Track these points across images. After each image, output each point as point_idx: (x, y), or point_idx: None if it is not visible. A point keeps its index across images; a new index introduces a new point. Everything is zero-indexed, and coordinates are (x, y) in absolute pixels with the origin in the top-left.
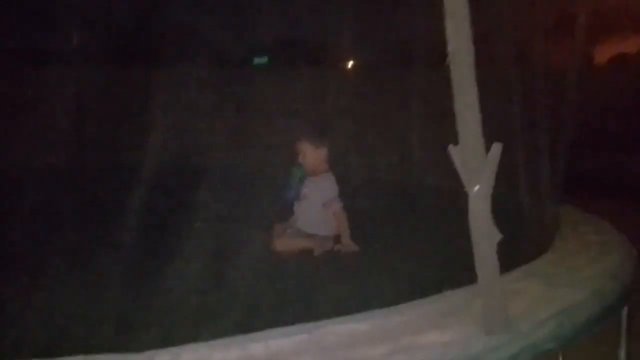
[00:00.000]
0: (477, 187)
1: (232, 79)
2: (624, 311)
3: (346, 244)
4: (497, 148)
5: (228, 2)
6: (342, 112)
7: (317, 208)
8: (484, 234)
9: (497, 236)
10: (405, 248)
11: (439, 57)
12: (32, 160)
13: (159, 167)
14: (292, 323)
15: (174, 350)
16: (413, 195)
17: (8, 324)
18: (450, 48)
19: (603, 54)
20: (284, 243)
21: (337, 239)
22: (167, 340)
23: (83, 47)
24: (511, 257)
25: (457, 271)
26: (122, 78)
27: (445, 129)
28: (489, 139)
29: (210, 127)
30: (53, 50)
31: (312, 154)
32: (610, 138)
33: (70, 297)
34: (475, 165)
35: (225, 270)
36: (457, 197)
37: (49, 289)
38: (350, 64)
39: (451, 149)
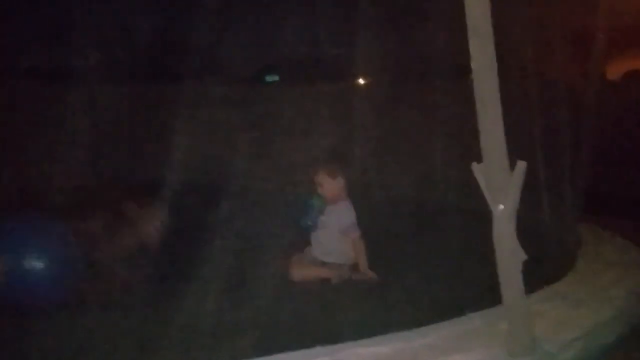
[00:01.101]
0: (501, 207)
1: (246, 97)
2: None
3: (364, 273)
4: (521, 166)
5: (241, 20)
6: (359, 130)
7: (335, 236)
8: (509, 254)
9: (522, 256)
10: (427, 269)
11: (456, 72)
12: (54, 179)
13: (176, 188)
14: (314, 346)
15: None
16: (435, 215)
17: None
18: (473, 65)
19: (617, 70)
20: (301, 272)
21: (355, 267)
22: None
23: (100, 66)
24: (535, 277)
25: (481, 292)
26: (138, 96)
27: (466, 146)
28: (511, 157)
29: (228, 147)
30: (72, 69)
31: (329, 185)
32: (627, 155)
33: (94, 317)
34: (500, 183)
35: (246, 294)
36: (481, 217)
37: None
38: (365, 80)
39: (475, 167)
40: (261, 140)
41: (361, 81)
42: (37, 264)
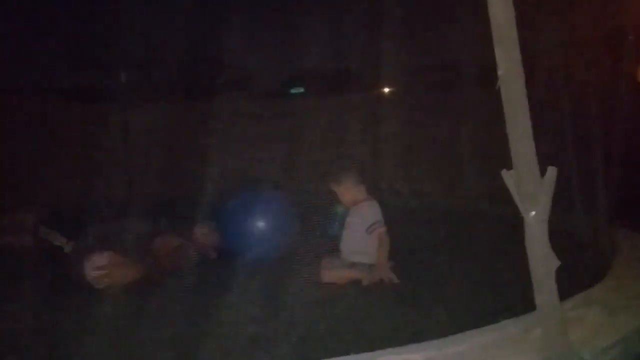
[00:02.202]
0: (533, 212)
1: (276, 109)
2: None
3: (381, 272)
4: (552, 171)
5: (265, 33)
6: (387, 139)
7: (361, 235)
8: (542, 260)
9: (555, 262)
10: (460, 276)
11: (483, 79)
12: (90, 196)
13: (206, 201)
14: (346, 354)
15: None
16: (466, 221)
17: None
18: (500, 72)
19: None
20: (331, 274)
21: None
22: None
23: (130, 84)
24: (569, 283)
25: (514, 299)
26: (169, 113)
27: (496, 152)
28: (542, 162)
29: (256, 158)
30: (103, 88)
31: (341, 191)
32: None
33: (126, 324)
34: (531, 189)
35: (280, 302)
36: (512, 223)
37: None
38: (391, 89)
39: (505, 173)
40: (292, 152)
41: (388, 90)
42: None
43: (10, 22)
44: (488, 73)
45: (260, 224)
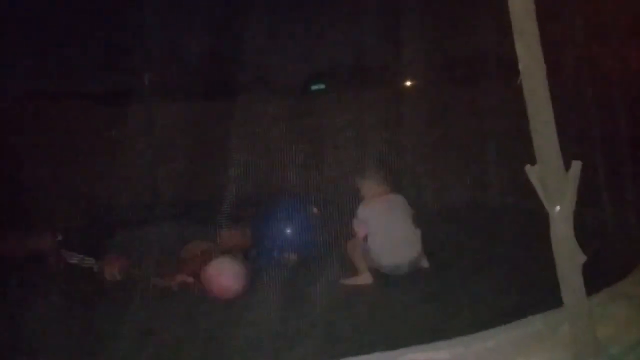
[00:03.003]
0: (558, 208)
1: (295, 107)
2: None
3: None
4: (577, 166)
5: (285, 31)
6: (410, 135)
7: (407, 222)
8: (568, 256)
9: (581, 257)
10: (486, 272)
11: (505, 73)
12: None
13: (234, 200)
14: (372, 351)
15: None
16: (492, 218)
17: None
18: (521, 66)
19: None
20: (353, 254)
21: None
22: None
23: (151, 86)
24: (597, 278)
25: (541, 295)
26: (193, 113)
27: (520, 148)
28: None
29: (284, 158)
30: (127, 91)
31: (372, 189)
32: None
33: (157, 324)
34: (555, 184)
35: (305, 300)
36: (537, 218)
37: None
38: (413, 85)
39: (529, 169)
40: (316, 150)
41: (410, 86)
42: None
43: (33, 27)
44: (509, 66)
45: (286, 224)
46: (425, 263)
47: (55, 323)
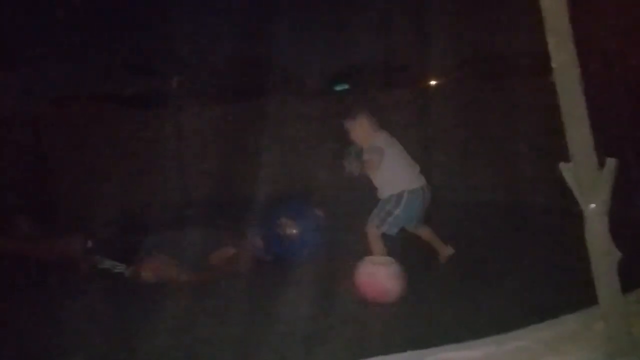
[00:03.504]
0: (593, 205)
1: (320, 108)
2: None
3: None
4: (612, 163)
5: (311, 32)
6: (442, 133)
7: (400, 159)
8: (603, 253)
9: (617, 255)
10: (519, 271)
11: (537, 70)
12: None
13: (264, 198)
14: (404, 350)
15: None
16: (524, 215)
17: None
18: (554, 64)
19: None
20: (372, 240)
21: None
22: None
23: (183, 88)
24: (633, 276)
25: (574, 293)
26: (222, 115)
27: (553, 145)
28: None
29: (313, 158)
30: (157, 93)
31: (355, 128)
32: None
33: (189, 324)
34: (590, 182)
35: (335, 298)
36: (570, 216)
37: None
38: (443, 83)
39: (563, 166)
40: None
41: (438, 84)
42: None
43: (65, 33)
44: (541, 63)
45: (310, 227)
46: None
47: (91, 325)
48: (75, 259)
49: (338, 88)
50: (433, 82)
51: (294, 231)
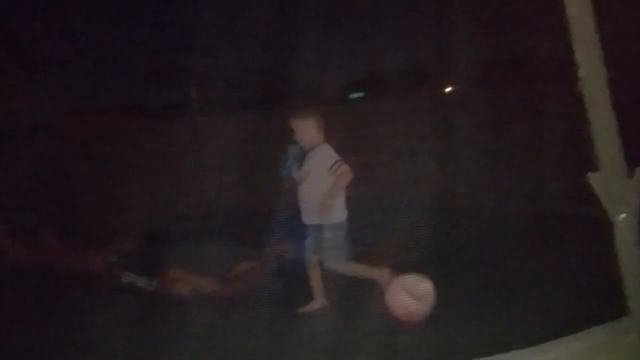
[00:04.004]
0: (622, 215)
1: (349, 115)
2: None
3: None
4: None
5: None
6: (465, 141)
7: (322, 177)
8: (633, 264)
9: None
10: (547, 282)
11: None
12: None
13: (285, 210)
14: None
15: None
16: (551, 225)
17: None
18: (581, 73)
19: None
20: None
21: None
22: None
23: (202, 99)
24: None
25: (605, 304)
26: (242, 126)
27: (581, 154)
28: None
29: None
30: (179, 103)
31: (302, 128)
32: None
33: (212, 336)
34: (619, 191)
35: (362, 312)
36: (599, 226)
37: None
38: (465, 89)
39: (591, 175)
40: (368, 158)
41: (460, 91)
42: None
43: (88, 44)
44: (568, 70)
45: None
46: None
47: (112, 339)
48: (98, 272)
49: (353, 96)
50: (454, 89)
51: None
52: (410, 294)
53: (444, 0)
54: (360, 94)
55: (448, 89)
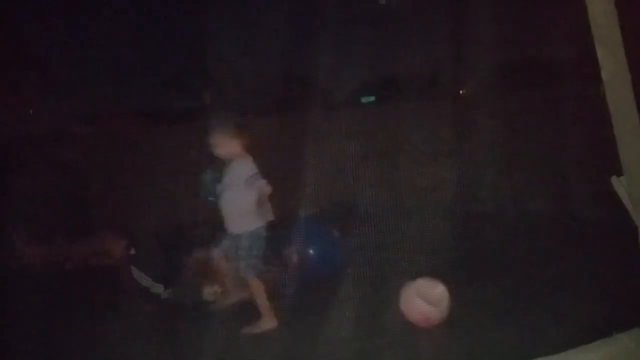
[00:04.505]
0: None
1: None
2: None
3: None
4: None
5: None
6: (485, 144)
7: (241, 193)
8: None
9: None
10: (570, 288)
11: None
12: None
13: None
14: None
15: None
16: (574, 230)
17: None
18: (604, 76)
19: None
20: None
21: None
22: None
23: (217, 103)
24: None
25: (628, 310)
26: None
27: (604, 159)
28: None
29: (352, 174)
30: (184, 109)
31: (220, 143)
32: None
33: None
34: None
35: (381, 320)
36: (624, 231)
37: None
38: (483, 92)
39: (615, 180)
40: (385, 164)
41: (478, 93)
42: None
43: (104, 51)
44: (590, 72)
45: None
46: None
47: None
48: (114, 263)
49: (364, 100)
50: (472, 92)
51: (296, 261)
52: (425, 299)
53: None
54: (371, 98)
55: (463, 92)
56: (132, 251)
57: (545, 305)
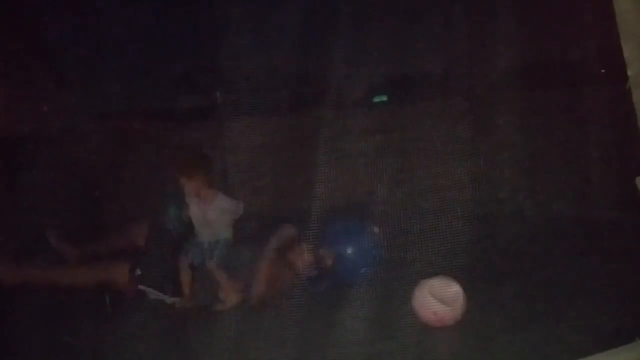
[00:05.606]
0: None
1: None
2: None
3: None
4: None
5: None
6: (504, 146)
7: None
8: None
9: None
10: (590, 292)
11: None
12: None
13: (315, 214)
14: None
15: None
16: (595, 233)
17: None
18: (630, 73)
19: None
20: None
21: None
22: None
23: (228, 103)
24: None
25: None
26: (272, 130)
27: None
28: None
29: (366, 174)
30: (196, 109)
31: (188, 184)
32: None
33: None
34: None
35: (392, 324)
36: None
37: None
38: (500, 91)
39: (638, 180)
40: (398, 164)
41: (498, 92)
42: None
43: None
44: (615, 68)
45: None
46: None
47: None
48: (121, 286)
49: (376, 100)
50: (491, 91)
51: (330, 263)
52: (438, 299)
53: None
54: (384, 97)
55: (482, 90)
56: (138, 272)
57: (565, 309)
